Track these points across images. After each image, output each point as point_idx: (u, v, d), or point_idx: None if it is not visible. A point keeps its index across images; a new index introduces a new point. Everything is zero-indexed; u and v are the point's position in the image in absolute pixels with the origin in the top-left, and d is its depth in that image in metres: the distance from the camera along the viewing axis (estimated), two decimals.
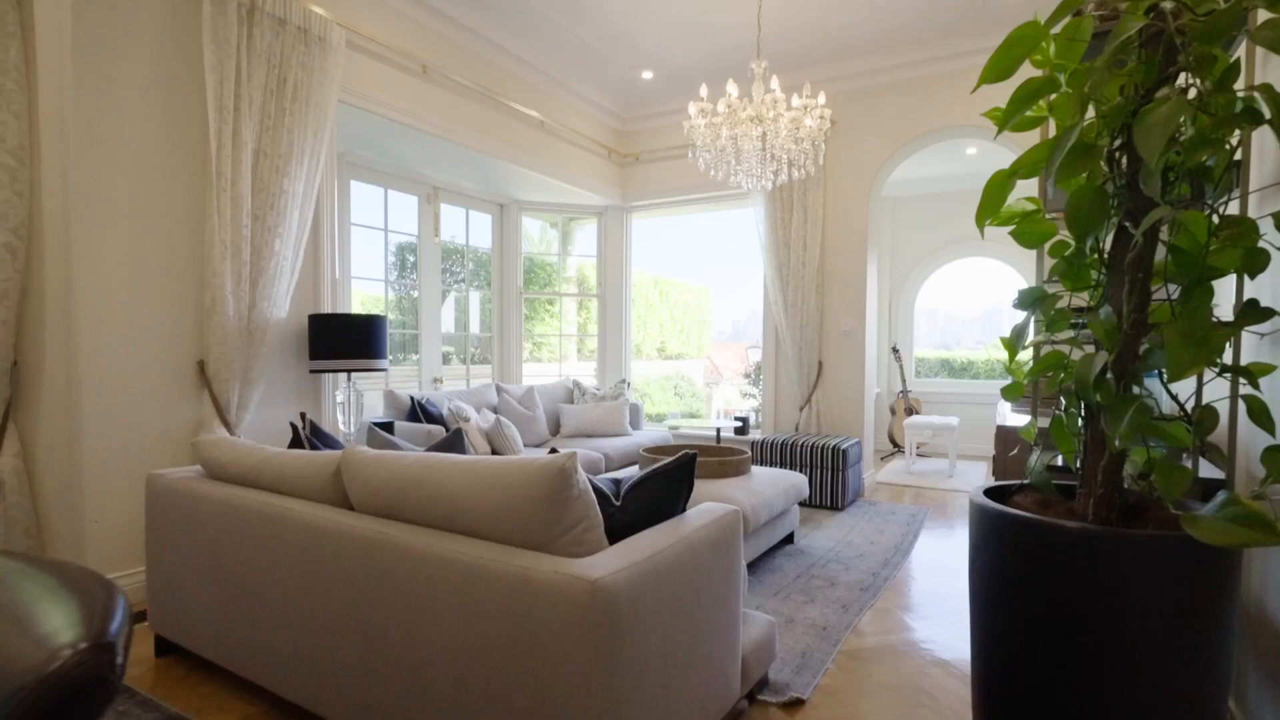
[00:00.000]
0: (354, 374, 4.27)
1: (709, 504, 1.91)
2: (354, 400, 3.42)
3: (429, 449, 2.03)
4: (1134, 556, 1.13)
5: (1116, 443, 1.10)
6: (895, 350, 6.95)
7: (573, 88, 5.30)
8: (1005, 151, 5.84)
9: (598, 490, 1.77)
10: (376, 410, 4.52)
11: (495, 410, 4.81)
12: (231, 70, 2.94)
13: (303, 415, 2.66)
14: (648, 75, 5.21)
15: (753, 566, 3.37)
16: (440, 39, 4.21)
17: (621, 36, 4.60)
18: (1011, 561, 1.26)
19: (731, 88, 3.47)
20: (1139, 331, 1.23)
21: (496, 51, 4.60)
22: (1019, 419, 2.70)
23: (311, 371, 3.31)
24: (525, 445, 4.80)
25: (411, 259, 5.37)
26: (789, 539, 3.77)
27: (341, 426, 3.41)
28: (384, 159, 4.73)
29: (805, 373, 5.18)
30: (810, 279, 5.10)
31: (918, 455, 6.86)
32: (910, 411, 6.88)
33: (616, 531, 1.69)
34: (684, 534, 1.64)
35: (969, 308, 9.13)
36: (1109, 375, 1.19)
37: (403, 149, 4.53)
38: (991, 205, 1.34)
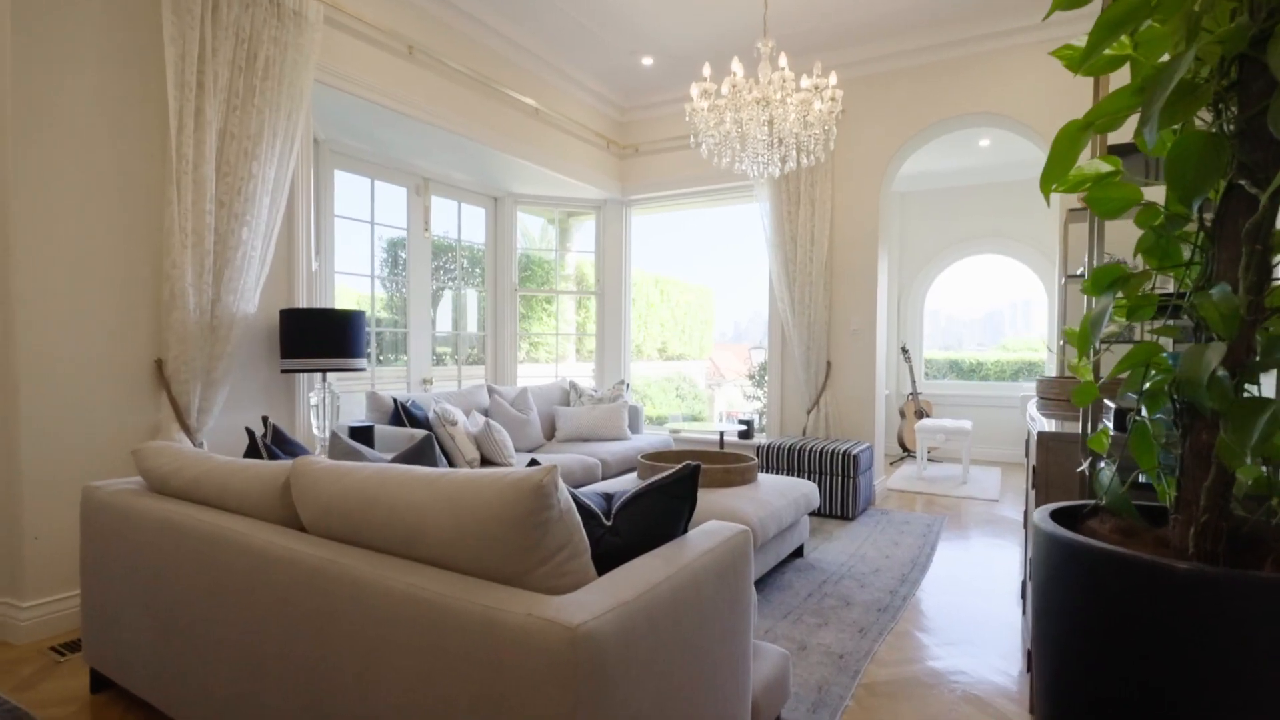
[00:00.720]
0: (331, 374, 4.02)
1: (714, 524, 1.66)
2: (329, 403, 3.17)
3: (394, 459, 1.78)
4: (1267, 604, 0.88)
5: (1246, 460, 0.86)
6: (905, 350, 6.70)
7: (569, 74, 5.06)
8: (1022, 143, 5.60)
9: (584, 508, 1.52)
10: (358, 413, 4.28)
11: (486, 413, 4.56)
12: (195, 43, 2.70)
13: (264, 420, 2.42)
14: (648, 61, 4.96)
15: (760, 584, 3.12)
16: (427, 18, 3.97)
17: (620, 19, 4.36)
18: (1095, 604, 1.01)
19: (736, 66, 3.22)
20: (1256, 318, 0.97)
21: (488, 34, 4.36)
22: (1062, 424, 2.45)
23: (283, 371, 3.06)
24: (518, 450, 4.55)
25: (403, 255, 5.13)
26: (798, 552, 3.52)
27: (316, 431, 3.17)
28: (370, 147, 4.49)
29: (813, 373, 4.93)
30: (818, 275, 4.85)
31: (928, 460, 6.60)
32: (920, 414, 6.62)
33: (607, 558, 1.44)
34: (685, 561, 1.39)
35: (970, 309, 8.91)
36: (1221, 373, 0.94)
37: (390, 137, 4.29)
38: (1060, 166, 1.09)
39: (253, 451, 2.14)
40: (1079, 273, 3.62)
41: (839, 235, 4.92)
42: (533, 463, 1.85)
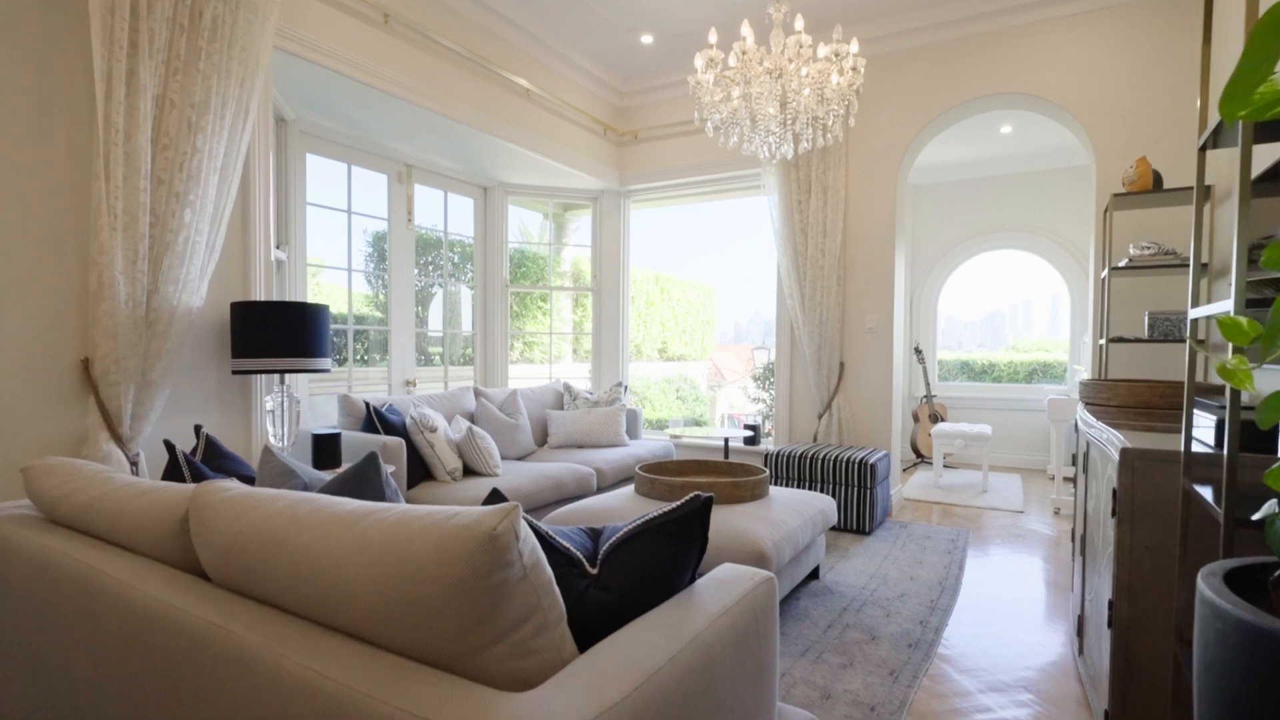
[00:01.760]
0: (300, 376, 3.67)
1: (728, 570, 1.31)
2: (288, 408, 2.82)
3: (325, 486, 1.43)
4: None
5: None
6: (918, 351, 6.35)
7: (563, 54, 4.71)
8: (1049, 129, 5.25)
9: (561, 554, 1.17)
10: (330, 418, 3.93)
11: (472, 418, 4.21)
12: None
13: (197, 429, 2.07)
14: (647, 39, 4.61)
15: None
16: None
17: None
18: None
19: (746, 30, 2.87)
20: None
21: (473, 5, 4.01)
22: (1136, 437, 2.10)
23: (234, 373, 2.71)
24: (506, 458, 4.20)
25: (386, 248, 4.78)
26: (814, 573, 3.17)
27: (273, 440, 2.81)
28: (346, 129, 4.14)
29: (825, 375, 4.58)
30: (831, 269, 4.50)
31: (944, 466, 6.24)
32: (935, 418, 6.27)
33: (592, 619, 1.09)
34: (695, 632, 1.04)
35: (971, 310, 8.60)
36: None
37: (367, 117, 3.94)
38: (1253, 76, 0.75)
39: (173, 470, 1.79)
40: (1122, 264, 3.27)
41: (853, 226, 4.57)
42: (494, 496, 1.50)
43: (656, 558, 1.19)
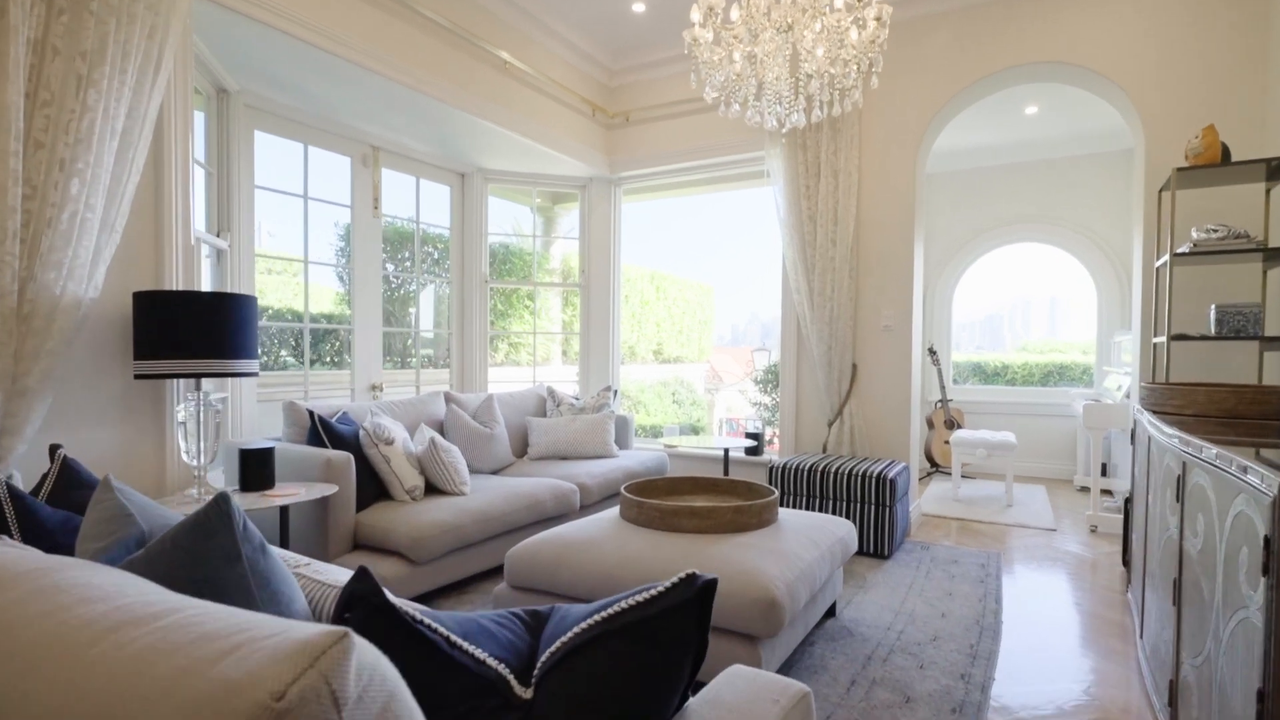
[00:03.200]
0: (226, 380, 3.22)
1: (739, 680, 0.86)
2: (207, 420, 2.36)
3: (149, 547, 0.98)
4: None
5: None
6: (932, 352, 5.91)
7: (547, 24, 4.27)
8: (1081, 110, 4.81)
9: (468, 676, 0.72)
10: (272, 428, 3.47)
11: (441, 427, 3.75)
12: None
13: (53, 449, 1.62)
14: (639, 8, 4.18)
15: (786, 667, 2.32)
16: None
17: None
18: None
19: None
20: None
21: None
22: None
23: (138, 377, 2.26)
24: (478, 472, 3.75)
25: (351, 238, 4.33)
26: (830, 610, 2.72)
27: (186, 458, 2.36)
28: (301, 104, 3.69)
29: (835, 378, 4.13)
30: (842, 261, 4.06)
31: (962, 476, 5.80)
32: (951, 424, 5.83)
33: None
34: None
35: (970, 311, 8.22)
36: None
37: (325, 91, 3.50)
38: None
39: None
40: (1185, 250, 2.83)
41: (867, 213, 4.13)
42: (357, 578, 1.04)
43: (628, 676, 0.75)
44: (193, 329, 2.26)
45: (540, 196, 6.55)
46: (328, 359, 5.74)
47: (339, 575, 1.31)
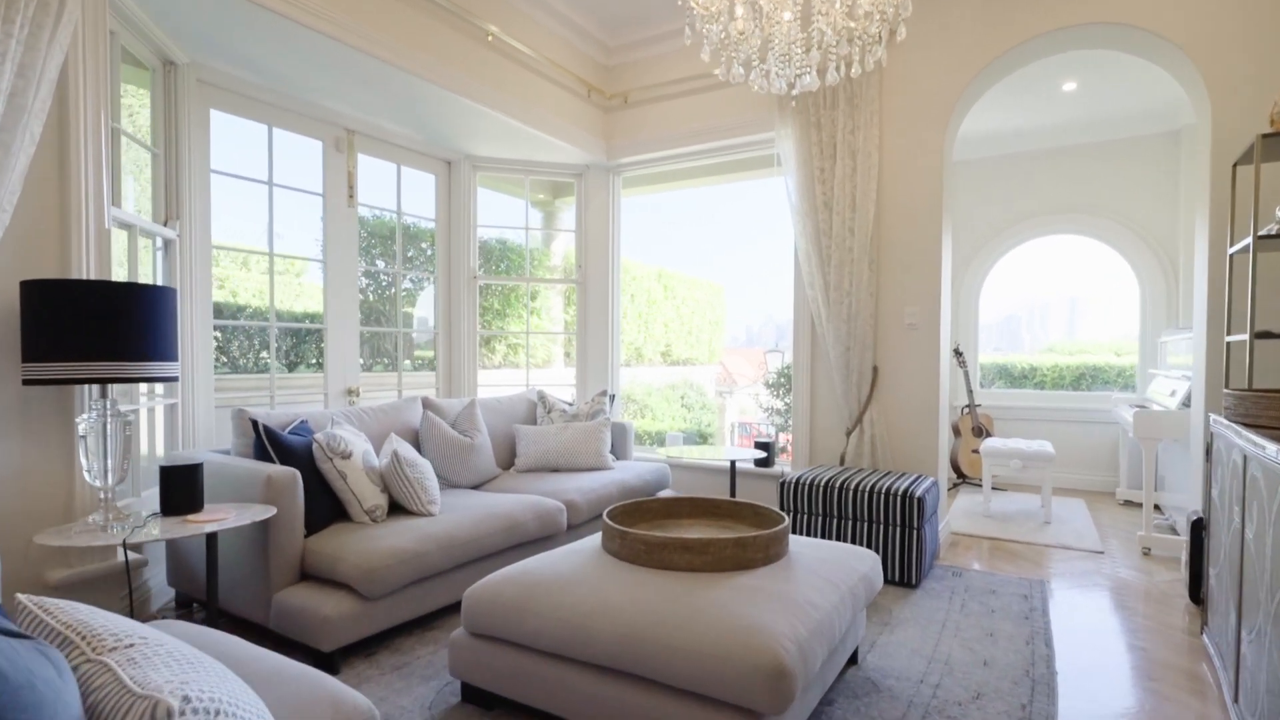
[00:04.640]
0: (140, 386, 2.88)
1: None
2: (114, 432, 2.01)
3: None
4: None
5: None
6: (958, 353, 5.48)
7: None
8: (1126, 81, 4.36)
9: None
10: (217, 438, 3.13)
11: (417, 436, 3.39)
12: None
13: None
14: None
15: None
16: None
17: None
18: None
19: None
20: None
21: None
22: None
23: (26, 382, 1.91)
24: (455, 487, 3.38)
25: (324, 229, 3.99)
26: (852, 658, 2.32)
27: (88, 478, 2.01)
28: (264, 80, 3.34)
29: (854, 381, 3.72)
30: (861, 251, 3.65)
31: (992, 489, 5.36)
32: (979, 431, 5.39)
33: None
34: None
35: (994, 310, 7.76)
36: None
37: (290, 65, 3.15)
38: None
39: None
40: (1271, 232, 2.40)
41: (889, 198, 3.72)
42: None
43: None
44: (92, 326, 1.91)
45: (539, 189, 6.18)
46: (312, 361, 5.42)
47: (167, 671, 0.93)
